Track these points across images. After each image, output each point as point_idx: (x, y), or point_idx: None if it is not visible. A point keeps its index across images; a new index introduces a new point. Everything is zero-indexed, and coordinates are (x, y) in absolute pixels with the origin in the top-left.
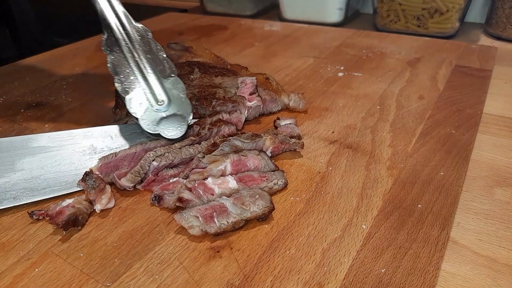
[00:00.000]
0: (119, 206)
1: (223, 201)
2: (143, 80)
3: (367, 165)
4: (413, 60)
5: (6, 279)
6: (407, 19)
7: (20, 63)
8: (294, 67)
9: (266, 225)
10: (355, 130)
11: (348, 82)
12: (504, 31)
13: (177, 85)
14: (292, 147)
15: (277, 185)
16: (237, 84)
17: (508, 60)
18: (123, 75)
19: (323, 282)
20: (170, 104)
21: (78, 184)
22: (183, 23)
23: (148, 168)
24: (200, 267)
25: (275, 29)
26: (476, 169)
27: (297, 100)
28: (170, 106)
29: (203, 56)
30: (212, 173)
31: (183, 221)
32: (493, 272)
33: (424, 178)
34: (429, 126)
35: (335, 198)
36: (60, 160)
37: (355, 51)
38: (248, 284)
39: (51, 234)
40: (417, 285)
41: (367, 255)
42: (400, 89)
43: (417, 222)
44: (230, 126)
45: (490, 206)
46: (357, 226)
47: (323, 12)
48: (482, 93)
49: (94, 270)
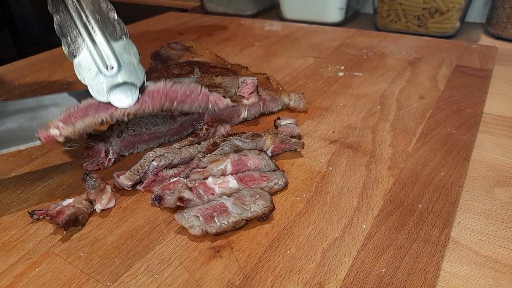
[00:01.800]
0: (120, 206)
1: (223, 200)
2: (91, 42)
3: (367, 165)
4: (413, 60)
5: (6, 279)
6: (408, 19)
7: (20, 63)
8: (294, 67)
9: (267, 225)
10: (356, 130)
11: (349, 82)
12: (505, 30)
13: (129, 49)
14: (292, 147)
15: (278, 184)
16: (238, 84)
17: (508, 60)
18: (70, 38)
19: (324, 282)
20: (121, 70)
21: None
22: (183, 23)
23: (147, 167)
24: (201, 266)
25: (275, 29)
26: (477, 169)
27: (297, 100)
28: (120, 72)
29: (204, 55)
30: (212, 172)
31: (183, 221)
32: (493, 272)
33: (424, 178)
34: (430, 126)
35: (335, 197)
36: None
37: (355, 51)
38: (249, 284)
39: (51, 233)
40: (417, 285)
41: (367, 255)
42: (401, 89)
43: (418, 222)
44: (225, 125)
45: (491, 206)
46: (358, 226)
47: (323, 12)
48: (482, 93)
49: (94, 269)
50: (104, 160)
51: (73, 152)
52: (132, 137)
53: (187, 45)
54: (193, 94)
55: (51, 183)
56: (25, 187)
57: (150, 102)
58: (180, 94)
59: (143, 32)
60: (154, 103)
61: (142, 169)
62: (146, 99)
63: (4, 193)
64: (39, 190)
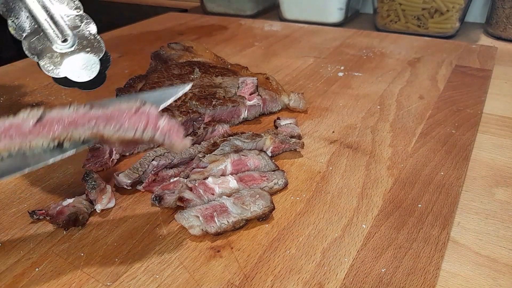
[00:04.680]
0: (120, 205)
1: (223, 200)
2: (42, 13)
3: (367, 165)
4: (413, 60)
5: (6, 279)
6: (407, 19)
7: (20, 63)
8: (294, 67)
9: (267, 225)
10: (355, 130)
11: (348, 82)
12: (504, 31)
13: (85, 20)
14: (292, 147)
15: (278, 184)
16: (238, 84)
17: (508, 60)
18: (17, 14)
19: (324, 282)
20: (76, 41)
21: None
22: (183, 23)
23: (147, 166)
24: (201, 266)
25: (275, 29)
26: (476, 169)
27: (297, 100)
28: (76, 43)
29: (204, 56)
30: (212, 172)
31: (183, 220)
32: (493, 272)
33: (424, 178)
34: (429, 126)
35: (335, 197)
36: None
37: (355, 51)
38: (249, 284)
39: (51, 233)
40: (417, 285)
41: (367, 255)
42: (400, 89)
43: (417, 222)
44: (224, 125)
45: (490, 206)
46: (357, 225)
47: (323, 12)
48: (482, 93)
49: (94, 269)
50: (107, 160)
51: None
52: None
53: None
54: (122, 115)
55: (51, 183)
56: (25, 187)
57: (45, 131)
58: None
59: (143, 32)
60: (49, 131)
61: (142, 168)
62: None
63: (4, 193)
64: (39, 190)
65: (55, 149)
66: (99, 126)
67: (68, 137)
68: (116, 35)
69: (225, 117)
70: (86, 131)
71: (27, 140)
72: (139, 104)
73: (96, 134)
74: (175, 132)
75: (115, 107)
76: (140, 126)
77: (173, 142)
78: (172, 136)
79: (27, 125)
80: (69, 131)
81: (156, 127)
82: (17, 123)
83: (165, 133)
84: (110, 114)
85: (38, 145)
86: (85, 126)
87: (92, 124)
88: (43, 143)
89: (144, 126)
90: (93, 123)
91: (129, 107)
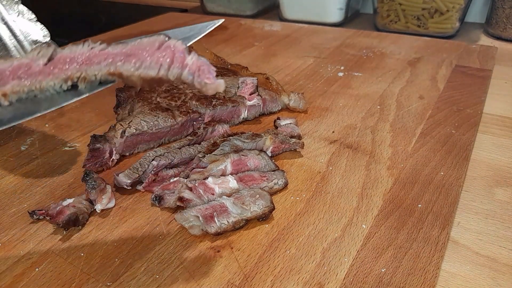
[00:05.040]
0: (120, 206)
1: (223, 200)
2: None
3: (367, 165)
4: (413, 60)
5: (6, 279)
6: (407, 19)
7: None
8: (294, 67)
9: (267, 225)
10: (355, 130)
11: (348, 82)
12: (504, 31)
13: None
14: (292, 147)
15: (277, 184)
16: (238, 84)
17: (508, 60)
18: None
19: (323, 282)
20: None
21: None
22: (183, 23)
23: (147, 166)
24: (201, 266)
25: (275, 29)
26: (476, 169)
27: (297, 100)
28: None
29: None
30: (212, 172)
31: (183, 221)
32: (493, 272)
33: (424, 178)
34: (429, 126)
35: (335, 197)
36: None
37: (355, 51)
38: (249, 284)
39: (51, 233)
40: (417, 285)
41: (367, 255)
42: (400, 89)
43: (417, 222)
44: (224, 125)
45: (490, 206)
46: (357, 225)
47: (323, 12)
48: (482, 93)
49: (94, 269)
50: (107, 160)
51: (73, 152)
52: (135, 137)
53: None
54: (144, 51)
55: (51, 183)
56: (25, 187)
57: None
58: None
59: (143, 32)
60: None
61: (142, 168)
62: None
63: (4, 193)
64: (39, 190)
65: (69, 90)
66: (117, 64)
67: (82, 76)
68: (116, 35)
69: (225, 117)
70: (103, 69)
71: (37, 82)
72: (162, 39)
73: (114, 73)
74: (206, 70)
75: (135, 43)
76: (164, 62)
77: (205, 82)
78: (202, 75)
79: (37, 65)
80: (83, 70)
81: (184, 64)
82: (26, 62)
83: (194, 71)
84: (130, 50)
85: (49, 86)
86: (101, 64)
87: (109, 62)
88: (55, 84)
89: (169, 62)
90: (110, 60)
91: (151, 42)
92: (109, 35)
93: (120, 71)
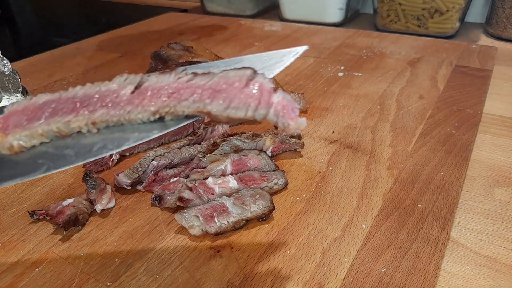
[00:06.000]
0: (120, 205)
1: (223, 200)
2: None
3: (367, 165)
4: (413, 60)
5: (6, 279)
6: (407, 19)
7: (20, 63)
8: (294, 67)
9: (267, 225)
10: (355, 130)
11: (348, 82)
12: (504, 31)
13: None
14: (292, 147)
15: (277, 184)
16: None
17: (508, 60)
18: None
19: (323, 282)
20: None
21: None
22: (183, 23)
23: (147, 166)
24: (201, 266)
25: (275, 29)
26: (476, 169)
27: (297, 100)
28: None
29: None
30: (212, 172)
31: (183, 220)
32: (493, 272)
33: (424, 178)
34: (429, 126)
35: (335, 197)
36: None
37: (355, 51)
38: (249, 284)
39: (51, 233)
40: (417, 285)
41: (367, 255)
42: (400, 89)
43: (417, 222)
44: (224, 125)
45: (490, 206)
46: (357, 225)
47: (323, 12)
48: (482, 93)
49: (94, 269)
50: (108, 161)
51: None
52: None
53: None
54: (231, 87)
55: (51, 183)
56: (25, 187)
57: (140, 103)
58: (206, 88)
59: (143, 32)
60: (148, 103)
61: (142, 168)
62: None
63: (4, 193)
64: (39, 190)
65: (155, 122)
66: (205, 101)
67: (170, 112)
68: (116, 35)
69: None
70: (191, 106)
71: (125, 113)
72: (250, 74)
73: (202, 111)
74: (290, 110)
75: (222, 76)
76: (253, 103)
77: (288, 123)
78: (286, 116)
79: (124, 93)
80: (172, 106)
81: (269, 104)
82: (113, 89)
83: (279, 112)
84: (217, 85)
85: (138, 118)
86: (189, 99)
87: (197, 98)
88: (143, 117)
89: (257, 103)
90: (198, 96)
91: (239, 77)
92: (109, 35)
93: (208, 110)
